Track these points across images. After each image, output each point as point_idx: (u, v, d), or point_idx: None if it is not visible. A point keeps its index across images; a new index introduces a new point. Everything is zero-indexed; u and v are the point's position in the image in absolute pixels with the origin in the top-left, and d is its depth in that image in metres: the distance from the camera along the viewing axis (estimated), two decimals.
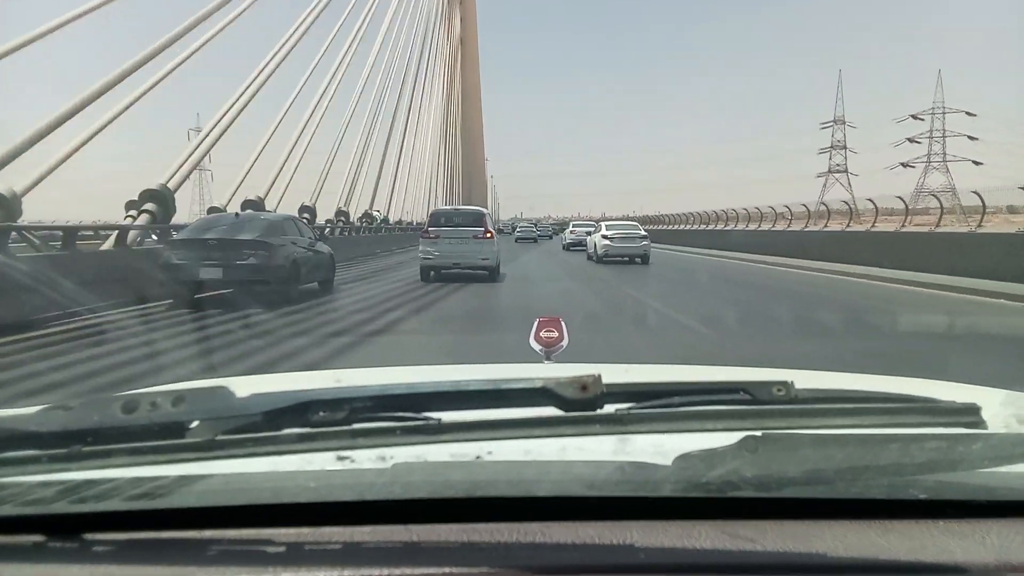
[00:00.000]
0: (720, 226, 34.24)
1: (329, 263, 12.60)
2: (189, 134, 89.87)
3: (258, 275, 9.86)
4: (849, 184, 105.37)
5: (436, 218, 15.72)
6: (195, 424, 0.81)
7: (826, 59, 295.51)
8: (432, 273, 14.55)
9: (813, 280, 16.16)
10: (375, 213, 34.40)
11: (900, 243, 18.21)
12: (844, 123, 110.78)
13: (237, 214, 12.54)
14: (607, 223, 24.95)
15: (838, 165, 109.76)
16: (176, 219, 14.24)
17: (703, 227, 37.08)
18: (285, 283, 10.21)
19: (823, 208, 27.75)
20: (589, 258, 23.46)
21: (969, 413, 0.89)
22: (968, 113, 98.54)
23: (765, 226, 28.98)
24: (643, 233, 22.46)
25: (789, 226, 26.29)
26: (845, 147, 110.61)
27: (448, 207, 19.87)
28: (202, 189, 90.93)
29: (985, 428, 0.89)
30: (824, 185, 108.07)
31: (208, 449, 0.78)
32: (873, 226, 21.46)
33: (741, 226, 31.39)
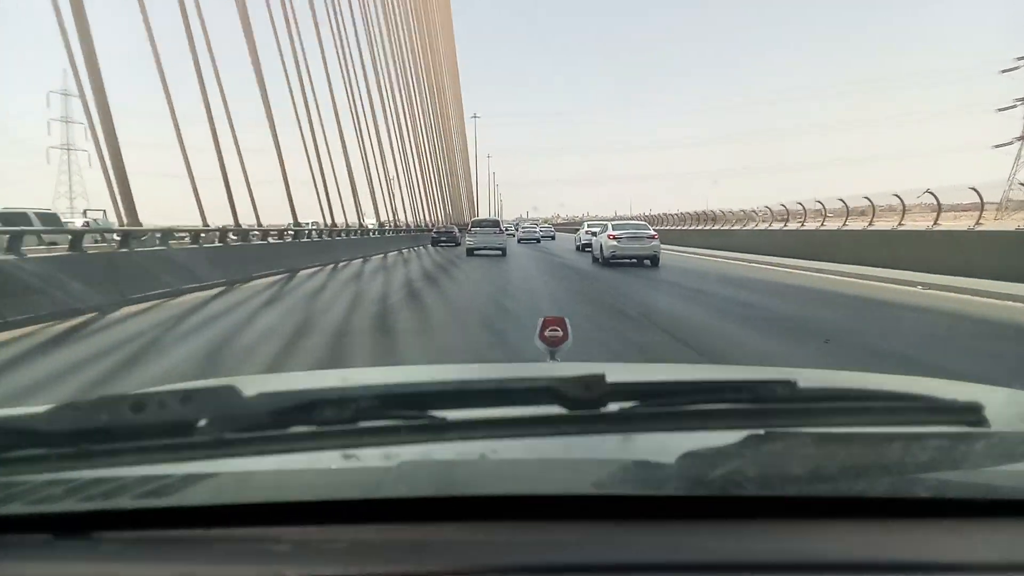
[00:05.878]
0: (844, 224, 21.94)
1: (459, 237, 42.42)
2: (48, 97, 75.04)
3: (451, 239, 42.82)
4: None
5: (475, 223, 32.26)
6: (203, 423, 0.81)
7: None
8: (473, 251, 28.86)
9: None
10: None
11: None
12: None
13: (449, 225, 52.86)
14: (614, 222, 24.35)
15: None
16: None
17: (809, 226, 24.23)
18: (456, 240, 42.57)
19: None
20: (595, 260, 22.61)
21: (972, 412, 0.89)
22: None
23: (916, 224, 17.80)
24: (652, 232, 21.96)
25: (976, 225, 15.90)
26: None
27: (480, 218, 36.49)
28: (71, 176, 76.57)
29: (988, 427, 0.89)
30: (1017, 158, 65.89)
31: (215, 447, 0.79)
32: None
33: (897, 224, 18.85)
